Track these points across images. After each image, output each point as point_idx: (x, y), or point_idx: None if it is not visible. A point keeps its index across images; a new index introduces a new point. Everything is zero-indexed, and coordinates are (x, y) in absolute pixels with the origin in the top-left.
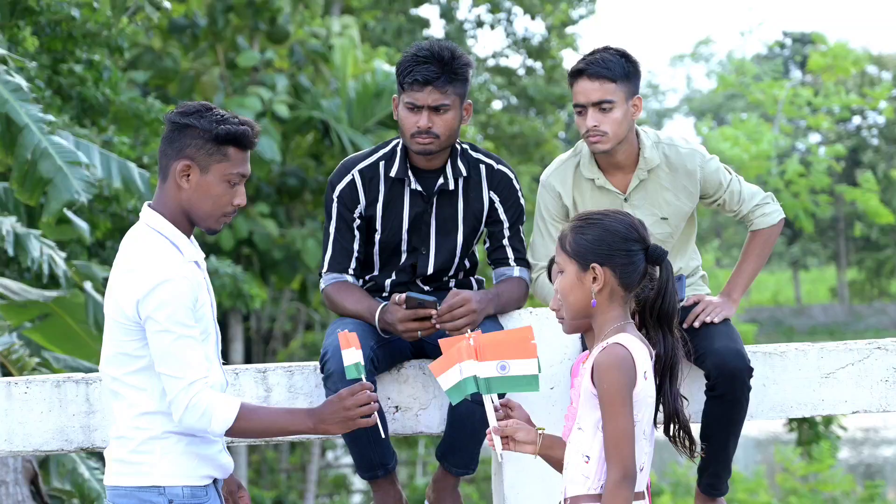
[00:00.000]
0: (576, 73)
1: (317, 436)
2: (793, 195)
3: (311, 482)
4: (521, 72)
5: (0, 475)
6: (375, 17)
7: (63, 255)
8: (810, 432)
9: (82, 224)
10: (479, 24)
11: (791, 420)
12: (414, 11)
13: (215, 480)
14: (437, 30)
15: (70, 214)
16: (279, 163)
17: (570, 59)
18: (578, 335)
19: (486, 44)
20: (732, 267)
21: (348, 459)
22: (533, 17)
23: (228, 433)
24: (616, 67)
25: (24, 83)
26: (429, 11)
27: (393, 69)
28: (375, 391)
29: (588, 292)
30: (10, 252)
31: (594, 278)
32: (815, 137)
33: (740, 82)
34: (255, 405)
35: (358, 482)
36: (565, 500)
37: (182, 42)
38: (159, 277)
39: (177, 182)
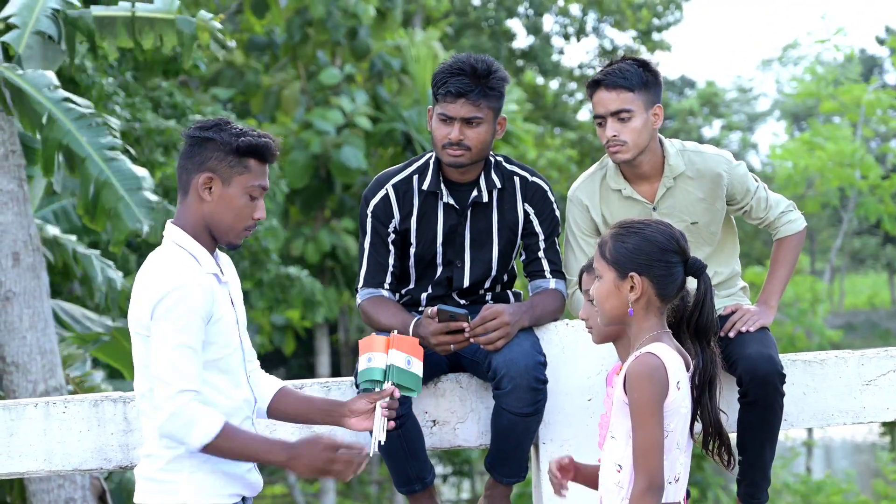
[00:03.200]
0: (593, 85)
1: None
2: (877, 199)
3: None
4: None
5: (69, 492)
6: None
7: (121, 274)
8: None
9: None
10: (566, 36)
11: (884, 424)
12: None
13: (244, 499)
14: (521, 42)
15: None
16: (364, 172)
17: (663, 63)
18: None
19: (571, 55)
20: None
21: (438, 470)
22: (622, 29)
23: (206, 449)
24: (633, 77)
25: (87, 109)
26: (514, 24)
27: None
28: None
29: (625, 300)
30: (78, 275)
31: (631, 287)
32: None
33: (820, 89)
34: (238, 428)
35: (447, 493)
36: None
37: (262, 59)
38: (172, 284)
39: (199, 195)
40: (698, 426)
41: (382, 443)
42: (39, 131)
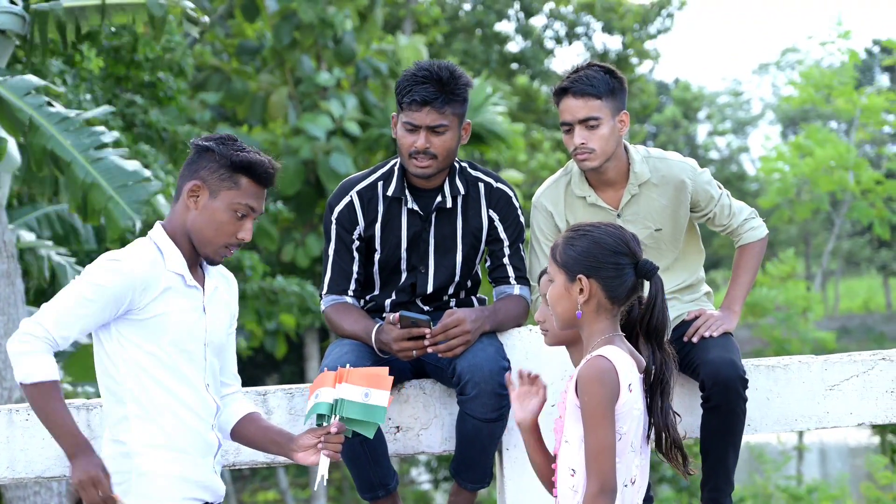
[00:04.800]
0: (560, 92)
1: None
2: (869, 203)
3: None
4: None
5: (45, 499)
6: (444, 34)
7: None
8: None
9: None
10: (558, 40)
11: (875, 427)
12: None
13: None
14: (514, 46)
15: None
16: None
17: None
18: None
19: (563, 59)
20: None
21: (428, 476)
22: (611, 33)
23: (24, 390)
24: (600, 84)
25: (69, 112)
26: (506, 27)
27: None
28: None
29: (574, 303)
30: (45, 284)
31: (580, 290)
32: None
33: (817, 94)
34: (59, 395)
35: (440, 499)
36: None
37: (254, 63)
38: (110, 256)
39: (185, 202)
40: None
41: (325, 480)
42: (24, 137)
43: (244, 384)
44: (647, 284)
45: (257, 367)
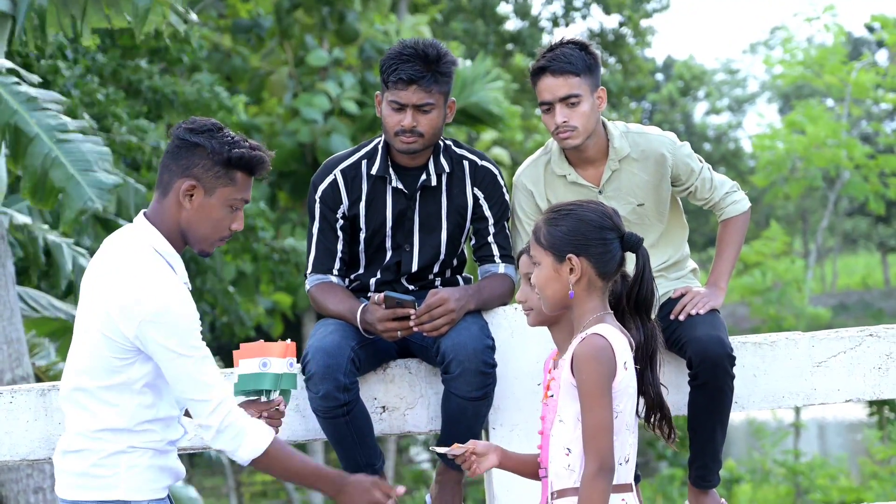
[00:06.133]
0: (539, 71)
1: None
2: (863, 178)
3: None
4: None
5: (37, 481)
6: (442, 12)
7: None
8: (892, 416)
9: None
10: (555, 21)
11: (871, 403)
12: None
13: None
14: (510, 25)
15: None
16: None
17: (654, 50)
18: None
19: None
20: None
21: (427, 455)
22: (608, 12)
23: (254, 464)
24: (578, 61)
25: (44, 93)
26: (504, 9)
27: (465, 64)
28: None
29: (565, 283)
30: (44, 263)
31: (571, 269)
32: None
33: (807, 70)
34: (286, 446)
35: None
36: (552, 493)
37: (248, 42)
38: (166, 303)
39: (179, 200)
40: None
41: None
42: None
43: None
44: (631, 261)
45: None
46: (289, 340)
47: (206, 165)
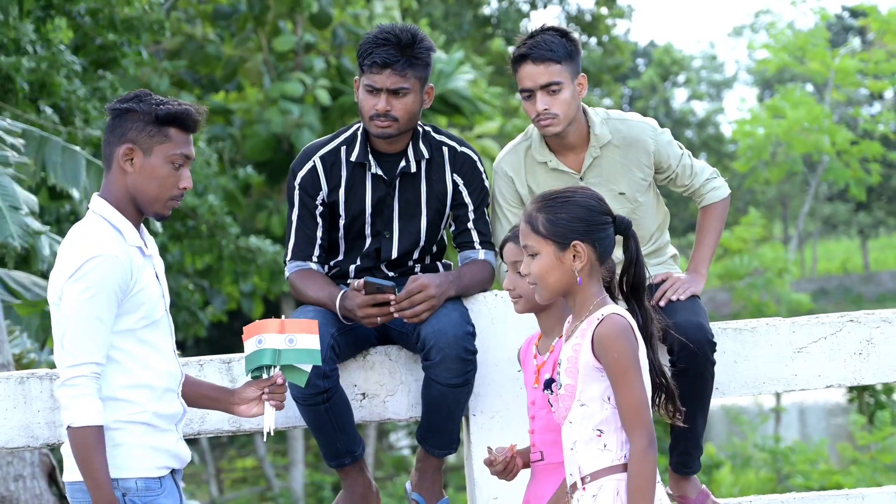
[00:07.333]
0: (519, 59)
1: None
2: (844, 164)
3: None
4: None
5: (17, 469)
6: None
7: None
8: (871, 401)
9: None
10: (533, 3)
11: (851, 389)
12: None
13: (173, 471)
14: (487, 9)
15: None
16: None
17: (636, 33)
18: None
19: (539, 22)
20: None
21: (408, 441)
22: None
23: (69, 433)
24: (559, 48)
25: None
26: None
27: (441, 52)
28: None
29: (569, 271)
30: (20, 249)
31: (575, 255)
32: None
33: (790, 57)
34: (102, 442)
35: None
36: (582, 478)
37: (228, 29)
38: (88, 254)
39: (121, 167)
40: None
41: (272, 433)
42: None
43: (220, 353)
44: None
45: (235, 334)
46: (283, 317)
47: (139, 127)
